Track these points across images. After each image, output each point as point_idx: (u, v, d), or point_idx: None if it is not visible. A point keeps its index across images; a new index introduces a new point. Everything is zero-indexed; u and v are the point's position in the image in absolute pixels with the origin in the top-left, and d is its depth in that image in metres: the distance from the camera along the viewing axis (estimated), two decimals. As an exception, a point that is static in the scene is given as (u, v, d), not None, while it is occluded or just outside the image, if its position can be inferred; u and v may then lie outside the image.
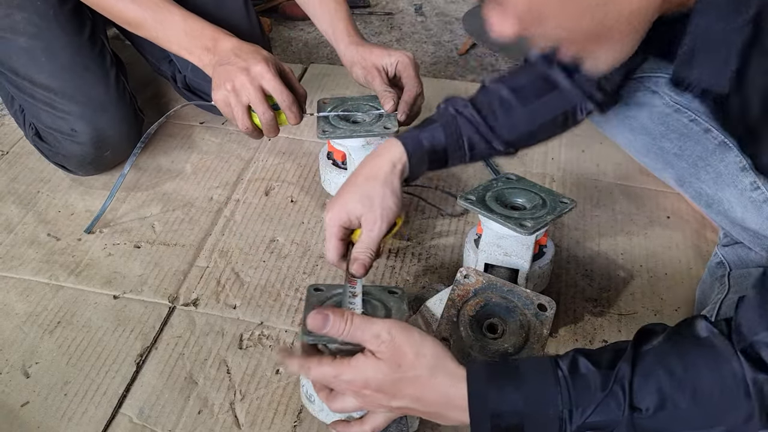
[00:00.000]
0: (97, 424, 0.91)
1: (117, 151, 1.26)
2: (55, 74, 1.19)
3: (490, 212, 0.95)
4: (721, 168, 0.93)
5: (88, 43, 1.23)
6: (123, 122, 1.24)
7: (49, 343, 1.01)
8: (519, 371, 0.64)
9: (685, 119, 0.94)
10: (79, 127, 1.20)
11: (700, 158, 0.94)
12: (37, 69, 1.19)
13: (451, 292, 0.87)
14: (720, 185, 0.93)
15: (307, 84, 1.53)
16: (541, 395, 0.62)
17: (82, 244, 1.16)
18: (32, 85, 1.20)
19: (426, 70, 1.59)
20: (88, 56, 1.22)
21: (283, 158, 1.34)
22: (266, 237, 1.18)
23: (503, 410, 0.63)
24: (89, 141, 1.21)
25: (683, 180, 0.98)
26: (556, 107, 0.93)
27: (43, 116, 1.21)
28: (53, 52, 1.19)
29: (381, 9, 1.82)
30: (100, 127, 1.21)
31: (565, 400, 0.62)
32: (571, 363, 0.63)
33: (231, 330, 1.03)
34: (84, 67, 1.21)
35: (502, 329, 0.84)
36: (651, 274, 1.12)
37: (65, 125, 1.20)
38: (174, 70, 1.39)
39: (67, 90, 1.19)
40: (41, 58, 1.19)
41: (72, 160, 1.25)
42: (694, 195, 0.98)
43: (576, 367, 0.63)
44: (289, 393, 0.95)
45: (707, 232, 1.18)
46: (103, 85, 1.22)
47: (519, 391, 0.63)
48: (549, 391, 0.62)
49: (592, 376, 0.62)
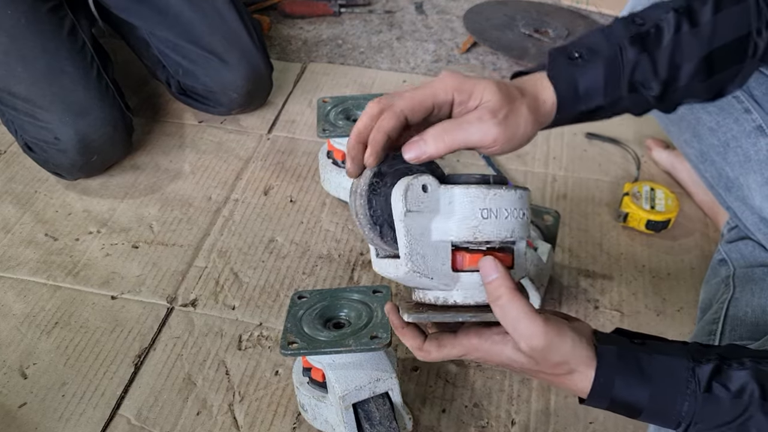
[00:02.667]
0: (95, 425, 0.91)
1: (105, 155, 1.25)
2: (32, 83, 1.17)
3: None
4: (752, 152, 0.90)
5: (66, 42, 1.20)
6: (107, 124, 1.21)
7: (47, 343, 1.00)
8: (652, 370, 0.61)
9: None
10: (62, 134, 1.17)
11: (733, 138, 0.92)
12: (15, 80, 1.17)
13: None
14: (745, 169, 0.91)
15: (305, 83, 1.53)
16: (670, 400, 0.61)
17: (79, 245, 1.15)
18: (12, 97, 1.18)
19: (426, 68, 1.59)
20: (65, 58, 1.19)
21: (282, 157, 1.33)
22: (265, 237, 1.17)
23: (626, 399, 0.61)
24: (73, 148, 1.18)
25: (706, 157, 0.95)
26: (741, 24, 0.71)
27: (27, 127, 1.19)
28: (29, 61, 1.17)
29: (381, 7, 1.81)
30: (83, 132, 1.18)
31: (690, 412, 0.60)
32: (708, 381, 0.60)
33: (230, 331, 1.02)
34: (61, 71, 1.18)
35: None
36: (653, 274, 1.11)
37: (48, 135, 1.18)
38: (168, 76, 1.38)
39: (46, 98, 1.17)
40: (17, 68, 1.17)
41: (62, 167, 1.23)
42: (714, 175, 0.96)
43: (710, 387, 0.60)
44: (288, 394, 0.94)
45: (710, 232, 1.18)
46: (82, 87, 1.19)
47: (646, 390, 0.61)
48: (679, 400, 0.60)
49: (724, 401, 0.60)
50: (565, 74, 0.66)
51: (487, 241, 0.60)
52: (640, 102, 0.69)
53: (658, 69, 0.68)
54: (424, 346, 0.64)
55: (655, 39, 0.67)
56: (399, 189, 0.59)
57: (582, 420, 0.92)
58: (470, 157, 1.33)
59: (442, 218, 0.59)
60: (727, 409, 0.60)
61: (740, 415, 0.59)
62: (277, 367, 0.98)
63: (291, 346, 0.80)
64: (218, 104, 1.38)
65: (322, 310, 0.86)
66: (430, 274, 0.59)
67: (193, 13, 1.31)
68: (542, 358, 0.60)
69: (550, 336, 0.59)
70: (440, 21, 1.77)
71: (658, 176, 1.28)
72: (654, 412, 0.62)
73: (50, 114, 1.17)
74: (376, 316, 0.83)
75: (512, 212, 0.60)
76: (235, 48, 1.32)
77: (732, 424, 0.60)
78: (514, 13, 1.74)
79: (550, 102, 0.66)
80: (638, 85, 0.68)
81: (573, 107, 0.67)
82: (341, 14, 1.77)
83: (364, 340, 0.80)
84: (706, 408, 0.60)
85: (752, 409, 0.59)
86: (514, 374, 0.97)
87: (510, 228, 0.60)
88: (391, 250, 0.61)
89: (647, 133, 1.35)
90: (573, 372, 0.61)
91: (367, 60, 1.61)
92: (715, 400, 0.60)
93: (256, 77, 1.36)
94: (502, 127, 0.62)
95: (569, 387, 0.63)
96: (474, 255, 0.60)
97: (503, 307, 0.58)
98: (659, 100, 0.69)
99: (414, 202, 0.58)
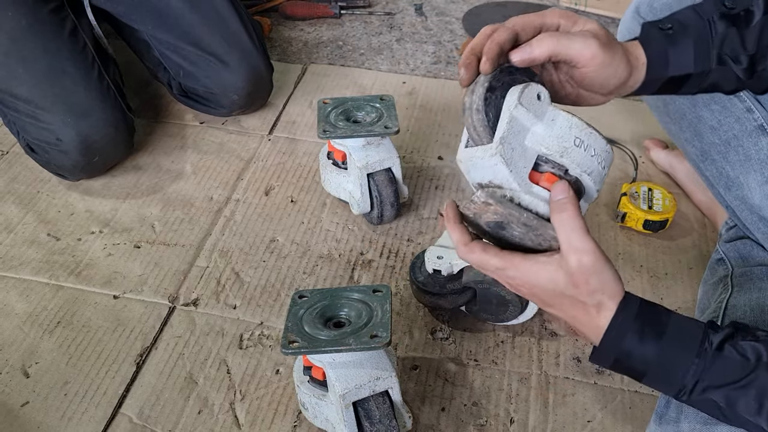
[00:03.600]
0: (97, 424, 0.91)
1: (106, 156, 1.25)
2: (34, 85, 1.17)
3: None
4: (753, 152, 0.91)
5: (68, 43, 1.21)
6: (108, 125, 1.22)
7: (49, 343, 1.01)
8: (668, 326, 0.63)
9: None
10: (63, 135, 1.18)
11: (734, 137, 0.92)
12: (17, 82, 1.17)
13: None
14: (746, 168, 0.92)
15: (306, 84, 1.54)
16: (677, 358, 0.62)
17: (82, 244, 1.16)
18: (14, 99, 1.19)
19: (426, 70, 1.59)
20: (67, 59, 1.19)
21: (283, 158, 1.34)
22: (266, 237, 1.18)
23: (634, 353, 0.63)
24: (75, 149, 1.19)
25: (707, 155, 0.96)
26: None
27: (29, 128, 1.20)
28: (30, 62, 1.17)
29: (381, 9, 1.82)
30: (85, 133, 1.19)
31: (697, 373, 0.61)
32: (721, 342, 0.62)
33: (231, 330, 1.03)
34: (62, 71, 1.18)
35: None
36: (651, 273, 1.12)
37: (50, 136, 1.19)
38: (169, 77, 1.39)
39: (47, 99, 1.17)
40: (18, 70, 1.17)
41: (64, 168, 1.24)
42: (714, 174, 0.96)
43: (721, 347, 0.61)
44: (289, 393, 0.95)
45: (708, 232, 1.18)
46: (83, 88, 1.19)
47: (658, 345, 0.62)
48: (686, 358, 0.61)
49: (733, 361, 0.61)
50: (656, 41, 0.70)
51: (567, 170, 0.64)
52: (729, 76, 0.72)
53: (746, 44, 0.70)
54: (470, 243, 0.66)
55: (744, 19, 0.70)
56: (518, 88, 0.64)
57: (580, 419, 0.93)
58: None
59: (542, 128, 0.64)
60: (736, 369, 0.61)
61: (747, 375, 0.60)
62: (277, 366, 0.98)
63: (292, 345, 0.80)
64: (219, 106, 1.39)
65: (322, 309, 0.86)
66: (511, 166, 0.62)
67: (193, 14, 1.32)
68: (584, 279, 0.62)
69: (600, 258, 0.62)
70: (439, 23, 1.78)
71: (655, 177, 1.29)
72: (658, 373, 0.63)
73: (52, 115, 1.18)
74: (376, 315, 0.84)
75: (598, 155, 0.65)
76: (235, 49, 1.33)
77: (737, 384, 0.60)
78: (513, 14, 1.74)
79: (642, 61, 0.69)
80: (726, 58, 0.70)
81: (662, 70, 0.70)
82: (341, 16, 1.78)
83: (364, 339, 0.80)
84: (714, 366, 0.61)
85: (759, 370, 0.60)
86: (534, 320, 0.97)
87: (590, 167, 0.65)
88: (487, 141, 0.64)
89: (645, 133, 1.36)
90: (601, 305, 0.63)
91: (367, 61, 1.62)
92: (725, 359, 0.61)
93: (256, 79, 1.37)
94: (603, 49, 0.65)
95: (588, 325, 0.64)
96: (552, 176, 0.64)
97: (564, 219, 0.62)
98: (748, 74, 0.71)
99: (526, 101, 0.63)
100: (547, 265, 0.63)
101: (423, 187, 1.27)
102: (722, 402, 0.61)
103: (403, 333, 1.03)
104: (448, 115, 1.45)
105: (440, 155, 1.34)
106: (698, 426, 0.73)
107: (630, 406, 0.94)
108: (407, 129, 1.40)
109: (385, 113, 1.13)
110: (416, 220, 1.21)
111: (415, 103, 1.48)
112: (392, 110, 1.14)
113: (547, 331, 1.03)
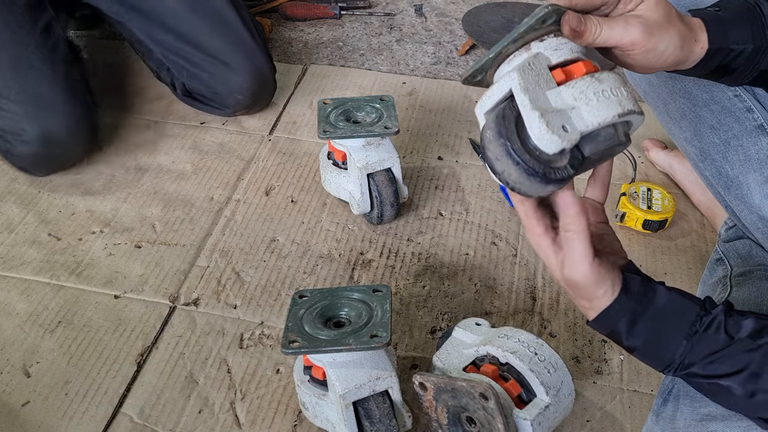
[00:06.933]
0: (97, 423, 0.91)
1: (67, 149, 1.25)
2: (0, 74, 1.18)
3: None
4: (752, 151, 0.91)
5: (40, 38, 1.22)
6: (70, 118, 1.22)
7: (50, 342, 1.01)
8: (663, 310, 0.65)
9: (730, 93, 0.92)
10: (26, 125, 1.19)
11: (734, 137, 0.92)
12: None
13: (420, 406, 0.87)
14: (745, 168, 0.92)
15: (306, 85, 1.54)
16: (668, 341, 0.64)
17: (82, 244, 1.16)
18: None
19: (426, 70, 1.60)
20: (35, 52, 1.21)
21: (283, 158, 1.34)
22: (266, 237, 1.18)
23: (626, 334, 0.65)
24: (36, 140, 1.20)
25: (707, 155, 0.96)
26: None
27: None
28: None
29: (381, 10, 1.82)
30: (46, 125, 1.20)
31: (684, 353, 0.64)
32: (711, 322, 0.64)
33: (231, 329, 1.03)
34: (29, 64, 1.20)
35: (477, 420, 0.81)
36: (650, 273, 1.11)
37: (14, 125, 1.20)
38: (172, 78, 1.39)
39: (12, 89, 1.19)
40: None
41: (26, 160, 1.24)
42: (714, 174, 0.97)
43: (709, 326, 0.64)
44: (290, 392, 0.95)
45: (707, 232, 1.19)
46: (49, 81, 1.20)
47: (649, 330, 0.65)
48: (675, 341, 0.64)
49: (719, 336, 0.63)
50: (713, 20, 0.70)
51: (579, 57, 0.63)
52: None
53: None
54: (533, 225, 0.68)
55: None
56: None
57: (579, 418, 0.93)
58: (469, 158, 1.34)
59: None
60: (720, 340, 0.63)
61: (729, 345, 0.63)
62: (278, 366, 0.98)
63: (292, 344, 0.81)
64: (224, 106, 1.39)
65: (322, 309, 0.86)
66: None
67: (192, 15, 1.32)
68: (573, 288, 0.66)
69: (589, 279, 0.64)
70: (439, 23, 1.78)
71: (654, 177, 1.29)
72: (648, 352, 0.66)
73: (16, 104, 1.19)
74: (376, 315, 0.84)
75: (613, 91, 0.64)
76: (238, 50, 1.33)
77: (720, 352, 0.63)
78: (512, 15, 1.75)
79: (702, 39, 0.69)
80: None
81: (723, 41, 0.69)
82: (341, 17, 1.78)
83: (364, 339, 0.81)
84: (701, 342, 0.64)
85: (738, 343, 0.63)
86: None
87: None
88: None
89: (644, 134, 1.36)
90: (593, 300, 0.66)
91: (367, 62, 1.62)
92: (709, 338, 0.63)
93: (260, 78, 1.37)
94: (646, 35, 0.65)
95: (582, 307, 0.68)
96: (577, 66, 0.63)
97: (569, 239, 0.65)
98: None
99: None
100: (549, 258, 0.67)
101: (423, 187, 1.27)
102: (701, 371, 0.64)
103: (403, 333, 1.03)
104: (448, 115, 1.45)
105: (440, 155, 1.35)
106: (693, 423, 0.74)
107: (629, 406, 0.94)
108: (407, 129, 1.41)
109: (385, 114, 1.14)
110: (416, 220, 1.21)
111: (415, 104, 1.48)
112: (392, 111, 1.14)
113: (547, 330, 1.03)
